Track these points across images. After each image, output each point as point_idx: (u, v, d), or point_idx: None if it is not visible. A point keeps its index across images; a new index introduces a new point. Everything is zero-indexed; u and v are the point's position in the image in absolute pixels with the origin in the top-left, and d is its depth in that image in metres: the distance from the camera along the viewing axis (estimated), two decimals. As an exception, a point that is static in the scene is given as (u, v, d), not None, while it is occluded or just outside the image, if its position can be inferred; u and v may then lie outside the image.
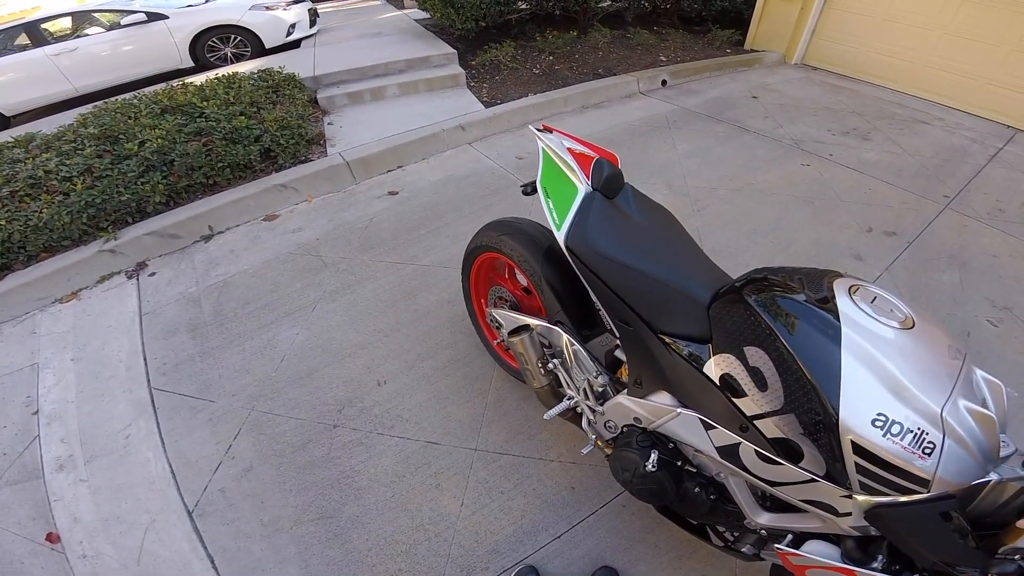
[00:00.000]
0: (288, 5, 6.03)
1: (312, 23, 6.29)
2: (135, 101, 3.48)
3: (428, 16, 5.93)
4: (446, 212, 3.10)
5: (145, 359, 2.23)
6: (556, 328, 1.51)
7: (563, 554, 1.60)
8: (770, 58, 6.17)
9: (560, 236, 1.34)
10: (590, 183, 1.38)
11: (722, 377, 1.04)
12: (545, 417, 1.55)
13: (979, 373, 0.95)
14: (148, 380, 2.14)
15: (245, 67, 4.57)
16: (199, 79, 3.95)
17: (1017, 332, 2.28)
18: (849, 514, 0.93)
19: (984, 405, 0.89)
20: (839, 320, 0.92)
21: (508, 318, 1.70)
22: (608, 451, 1.48)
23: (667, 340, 1.16)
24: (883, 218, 3.13)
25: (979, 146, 4.29)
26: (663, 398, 1.22)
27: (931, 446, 0.83)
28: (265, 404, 2.03)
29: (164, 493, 1.75)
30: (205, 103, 3.33)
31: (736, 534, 1.31)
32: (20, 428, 2.00)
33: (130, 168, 2.86)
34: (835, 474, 0.90)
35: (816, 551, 0.99)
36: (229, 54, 5.88)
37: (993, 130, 4.73)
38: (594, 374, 1.43)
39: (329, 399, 2.03)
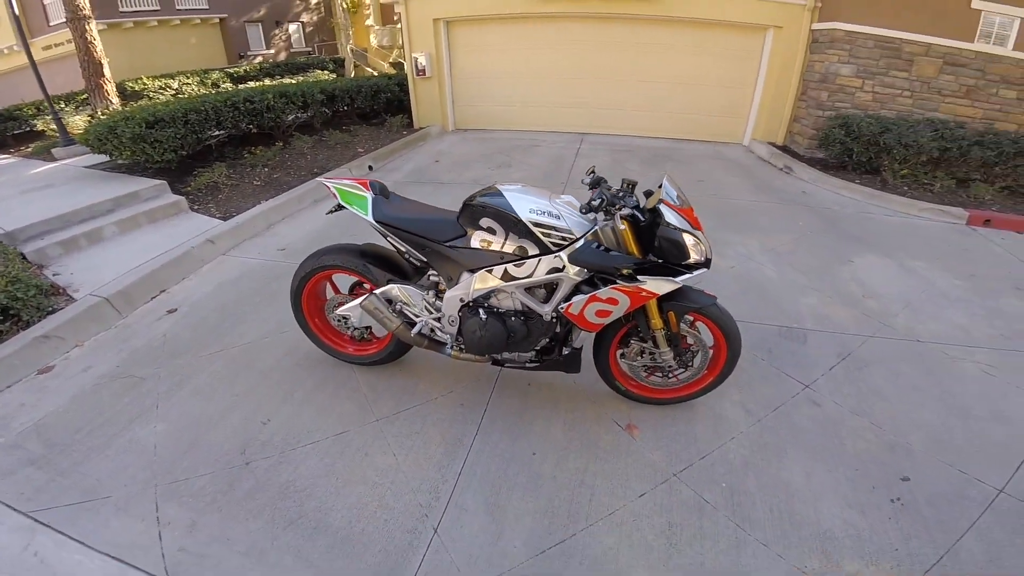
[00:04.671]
0: None
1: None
2: None
3: (107, 159, 5.74)
4: (238, 308, 3.38)
5: (-4, 497, 2.00)
6: (389, 285, 2.35)
7: (488, 442, 2.26)
8: (434, 131, 8.26)
9: (370, 217, 2.26)
10: (371, 192, 2.34)
11: (480, 241, 2.10)
12: (411, 335, 2.34)
13: (564, 195, 2.18)
14: (14, 509, 1.95)
15: None
16: None
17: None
18: (567, 266, 1.99)
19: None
20: (499, 188, 2.09)
21: (352, 305, 2.45)
22: (460, 353, 2.36)
23: (449, 245, 2.17)
24: (539, 204, 5.01)
25: (568, 151, 7.00)
26: (465, 277, 2.20)
27: (557, 216, 1.98)
28: (166, 478, 2.08)
29: (127, 575, 1.74)
30: None
31: (561, 347, 2.29)
32: None
33: None
34: (542, 249, 2.00)
35: (576, 298, 2.04)
36: None
37: (572, 139, 7.72)
38: (425, 291, 2.34)
39: (226, 450, 2.22)
